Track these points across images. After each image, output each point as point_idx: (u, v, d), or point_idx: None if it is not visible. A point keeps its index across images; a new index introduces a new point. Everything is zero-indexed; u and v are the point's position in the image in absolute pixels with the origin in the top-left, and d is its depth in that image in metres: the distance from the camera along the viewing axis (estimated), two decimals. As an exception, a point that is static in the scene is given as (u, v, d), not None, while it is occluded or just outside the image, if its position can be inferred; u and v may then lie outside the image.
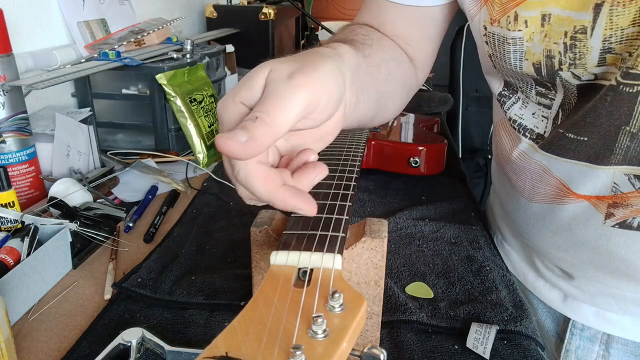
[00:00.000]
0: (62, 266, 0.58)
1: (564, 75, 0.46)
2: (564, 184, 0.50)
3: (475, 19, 0.51)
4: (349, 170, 0.50)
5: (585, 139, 0.46)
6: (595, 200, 0.48)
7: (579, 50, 0.43)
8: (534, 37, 0.45)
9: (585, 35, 0.42)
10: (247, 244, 0.43)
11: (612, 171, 0.46)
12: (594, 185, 0.48)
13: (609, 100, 0.42)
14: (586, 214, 0.49)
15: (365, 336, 0.43)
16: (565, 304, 0.59)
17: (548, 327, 0.63)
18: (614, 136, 0.44)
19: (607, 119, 0.43)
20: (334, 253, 0.33)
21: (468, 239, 0.66)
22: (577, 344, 0.59)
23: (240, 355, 0.24)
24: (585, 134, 0.46)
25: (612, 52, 0.42)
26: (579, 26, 0.42)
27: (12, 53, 0.72)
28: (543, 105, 0.51)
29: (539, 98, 0.51)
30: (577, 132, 0.46)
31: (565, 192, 0.50)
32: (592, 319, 0.57)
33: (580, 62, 0.44)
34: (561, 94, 0.48)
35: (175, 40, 1.12)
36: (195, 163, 0.91)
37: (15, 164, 0.74)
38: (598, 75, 0.44)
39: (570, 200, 0.50)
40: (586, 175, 0.48)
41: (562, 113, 0.49)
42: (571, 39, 0.43)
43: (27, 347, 0.47)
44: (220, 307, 0.52)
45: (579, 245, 0.52)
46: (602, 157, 0.46)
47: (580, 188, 0.49)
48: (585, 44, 0.42)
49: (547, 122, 0.51)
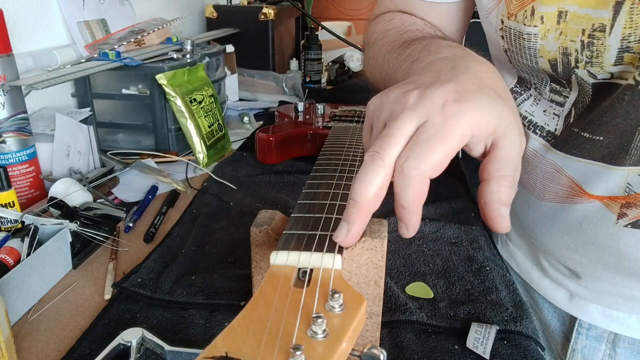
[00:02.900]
0: (62, 266, 0.58)
1: (580, 73, 0.45)
2: (577, 184, 0.50)
3: (492, 14, 0.51)
4: (349, 171, 0.50)
5: (601, 139, 0.46)
6: (607, 201, 0.48)
7: (596, 48, 0.43)
8: (548, 34, 0.45)
9: (604, 33, 0.42)
10: (247, 244, 0.43)
11: (626, 172, 0.46)
12: (607, 186, 0.47)
13: (627, 99, 0.42)
14: (598, 214, 0.49)
15: (365, 336, 0.43)
16: (571, 303, 0.59)
17: (554, 327, 0.63)
18: (630, 136, 0.44)
19: (623, 119, 0.43)
20: (334, 253, 0.33)
21: (468, 239, 0.66)
22: (583, 344, 0.59)
23: (240, 356, 0.24)
24: (601, 133, 0.46)
25: (630, 51, 0.41)
26: (598, 24, 0.42)
27: (12, 53, 0.72)
28: (556, 103, 0.51)
29: (553, 95, 0.51)
30: (592, 131, 0.46)
31: (578, 191, 0.50)
32: (598, 318, 0.57)
33: (597, 60, 0.43)
34: (576, 91, 0.48)
35: (175, 40, 1.12)
36: (195, 163, 0.91)
37: (15, 164, 0.74)
38: (614, 74, 0.44)
39: (582, 200, 0.50)
40: (600, 175, 0.47)
41: (574, 111, 0.49)
42: (589, 37, 0.43)
43: (27, 347, 0.47)
44: (220, 307, 0.52)
45: (589, 244, 0.52)
46: (617, 157, 0.45)
47: (593, 188, 0.49)
48: (603, 42, 0.42)
49: (559, 120, 0.51)
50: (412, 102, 0.33)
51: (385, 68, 0.54)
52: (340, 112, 0.97)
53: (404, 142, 0.32)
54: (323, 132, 0.89)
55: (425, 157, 0.31)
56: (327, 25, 1.59)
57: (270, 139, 0.89)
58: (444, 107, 0.32)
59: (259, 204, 0.76)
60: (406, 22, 0.60)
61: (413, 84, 0.35)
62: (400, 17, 0.62)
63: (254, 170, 0.89)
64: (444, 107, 0.32)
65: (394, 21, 0.61)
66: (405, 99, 0.34)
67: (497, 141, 0.33)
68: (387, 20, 0.62)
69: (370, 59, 0.61)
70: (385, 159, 0.32)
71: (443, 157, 0.31)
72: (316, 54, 1.46)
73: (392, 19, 0.62)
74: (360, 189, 0.32)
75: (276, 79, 1.45)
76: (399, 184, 0.32)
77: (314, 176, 0.48)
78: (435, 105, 0.32)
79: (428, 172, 0.31)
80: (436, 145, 0.31)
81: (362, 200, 0.32)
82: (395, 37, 0.56)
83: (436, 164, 0.31)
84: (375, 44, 0.61)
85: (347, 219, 0.33)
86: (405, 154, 0.32)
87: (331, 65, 1.63)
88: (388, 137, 0.32)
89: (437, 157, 0.31)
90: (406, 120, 0.33)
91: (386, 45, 0.56)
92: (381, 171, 0.32)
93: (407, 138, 0.32)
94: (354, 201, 0.32)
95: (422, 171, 0.31)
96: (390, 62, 0.52)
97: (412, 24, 0.58)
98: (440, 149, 0.31)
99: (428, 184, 0.32)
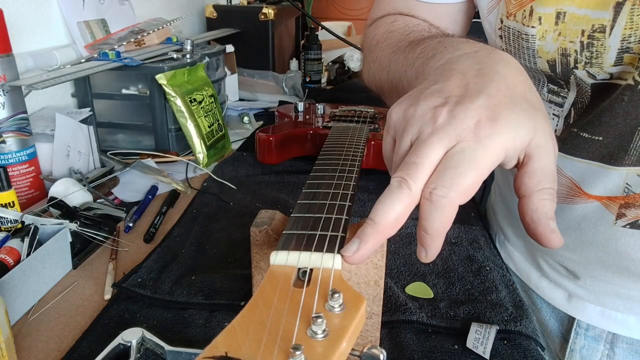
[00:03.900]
0: (62, 266, 0.58)
1: (579, 74, 0.45)
2: (576, 184, 0.50)
3: (493, 13, 0.51)
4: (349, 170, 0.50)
5: (600, 139, 0.46)
6: (606, 201, 0.48)
7: (595, 49, 0.43)
8: (546, 35, 0.45)
9: (604, 34, 0.42)
10: (247, 244, 0.43)
11: (625, 172, 0.46)
12: (605, 186, 0.47)
13: (626, 100, 0.42)
14: (597, 214, 0.49)
15: (365, 336, 0.43)
16: (569, 304, 0.59)
17: (552, 327, 0.63)
18: (629, 136, 0.44)
19: (623, 119, 0.43)
20: (334, 253, 0.33)
21: (468, 239, 0.66)
22: (581, 344, 0.59)
23: (239, 355, 0.24)
24: (600, 133, 0.45)
25: (630, 51, 0.41)
26: (598, 25, 0.42)
27: (12, 53, 0.72)
28: (555, 104, 0.51)
29: (551, 96, 0.51)
30: (591, 131, 0.46)
31: (577, 191, 0.50)
32: (597, 319, 0.57)
33: (597, 61, 0.43)
34: (574, 92, 0.48)
35: (175, 40, 1.12)
36: (195, 163, 0.91)
37: (15, 164, 0.74)
38: (614, 74, 0.44)
39: (581, 200, 0.50)
40: (598, 176, 0.47)
41: (574, 112, 0.49)
42: (588, 38, 0.43)
43: (27, 347, 0.47)
44: (220, 307, 0.52)
45: (587, 245, 0.52)
46: (616, 157, 0.45)
47: (592, 188, 0.49)
48: (603, 43, 0.42)
49: (559, 121, 0.51)
50: (441, 122, 0.32)
51: (392, 69, 0.52)
52: (340, 112, 0.97)
53: (433, 169, 0.31)
54: (323, 132, 0.89)
55: (454, 185, 0.30)
56: (327, 25, 1.59)
57: (270, 139, 0.89)
58: (476, 129, 0.31)
59: (259, 204, 0.76)
60: (410, 23, 0.58)
61: (440, 96, 0.33)
62: (403, 19, 0.60)
63: (254, 170, 0.89)
64: (476, 129, 0.31)
65: (396, 23, 0.59)
66: (434, 117, 0.32)
67: (532, 153, 0.32)
68: (388, 22, 0.60)
69: (373, 62, 0.59)
70: (412, 188, 0.31)
71: (473, 183, 0.30)
72: (316, 54, 1.46)
73: (394, 20, 0.60)
74: (382, 212, 0.31)
75: (276, 79, 1.45)
76: (426, 209, 0.30)
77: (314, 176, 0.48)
78: (467, 127, 0.31)
79: (457, 200, 0.30)
80: (467, 172, 0.30)
81: (381, 223, 0.31)
82: (400, 37, 0.54)
83: (466, 191, 0.30)
84: (377, 46, 0.59)
85: (361, 237, 0.32)
86: (434, 180, 0.30)
87: (331, 65, 1.63)
88: (416, 165, 0.31)
89: (467, 183, 0.30)
90: (435, 145, 0.31)
91: (391, 47, 0.54)
92: (406, 199, 0.31)
93: (435, 164, 0.31)
94: (373, 222, 0.31)
95: (451, 199, 0.30)
96: (399, 62, 0.49)
97: (416, 25, 0.57)
98: (471, 176, 0.30)
99: (456, 211, 0.30)
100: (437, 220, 0.30)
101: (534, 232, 0.32)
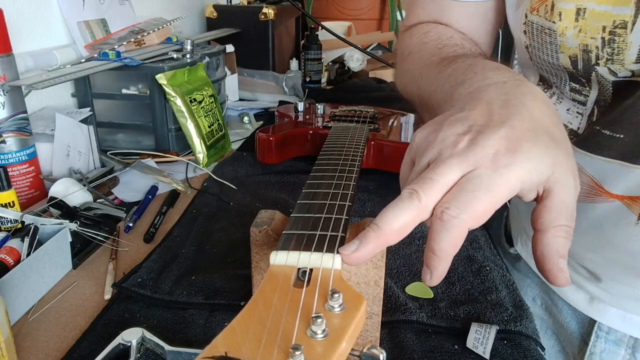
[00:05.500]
0: (62, 266, 0.58)
1: (600, 71, 0.45)
2: (597, 183, 0.49)
3: (520, 9, 0.51)
4: (348, 170, 0.50)
5: (622, 136, 0.45)
6: (628, 201, 0.47)
7: (617, 45, 0.43)
8: (566, 32, 0.45)
9: (625, 30, 0.42)
10: (247, 244, 0.43)
11: None
12: (627, 185, 0.47)
13: None
14: (618, 214, 0.49)
15: (365, 336, 0.43)
16: (591, 306, 0.58)
17: (572, 329, 0.62)
18: None
19: None
20: (334, 253, 0.33)
21: (468, 239, 0.66)
22: (602, 347, 0.58)
23: (239, 355, 0.24)
24: (622, 131, 0.45)
25: None
26: (619, 21, 0.42)
27: (12, 53, 0.72)
28: (577, 102, 0.51)
29: (573, 94, 0.50)
30: (613, 129, 0.46)
31: (598, 190, 0.50)
32: (618, 322, 0.56)
33: (618, 57, 0.43)
34: (596, 90, 0.48)
35: (175, 40, 1.12)
36: (195, 163, 0.91)
37: (15, 164, 0.74)
38: (635, 72, 0.43)
39: (602, 200, 0.49)
40: (620, 174, 0.47)
41: (597, 110, 0.49)
42: (610, 34, 0.43)
43: (27, 347, 0.47)
44: (220, 307, 0.52)
45: (607, 245, 0.51)
46: (637, 155, 0.45)
47: (613, 187, 0.48)
48: (625, 39, 0.42)
49: (582, 119, 0.51)
50: (461, 148, 0.32)
51: (422, 85, 0.52)
52: (340, 112, 0.97)
53: (446, 189, 0.31)
54: (323, 132, 0.89)
55: (468, 208, 0.30)
56: (327, 25, 1.59)
57: (270, 139, 0.89)
58: (495, 157, 0.31)
59: (259, 204, 0.76)
60: (443, 35, 0.58)
61: (464, 124, 0.34)
62: (436, 29, 0.60)
63: (254, 170, 0.89)
64: (495, 157, 0.31)
65: (430, 34, 0.59)
66: (455, 143, 0.32)
67: (551, 188, 0.32)
68: (422, 33, 0.60)
69: (405, 72, 0.59)
70: (422, 200, 0.31)
71: (487, 209, 0.30)
72: (316, 54, 1.46)
73: (427, 31, 0.60)
74: (387, 218, 0.31)
75: (276, 79, 1.45)
76: (435, 229, 0.30)
77: (314, 176, 0.48)
78: (486, 154, 0.31)
79: (469, 223, 0.30)
80: (481, 197, 0.30)
81: (385, 229, 0.31)
82: (433, 51, 0.55)
83: (479, 216, 0.30)
84: (410, 56, 0.59)
85: (362, 239, 0.32)
86: (447, 200, 0.30)
87: (331, 65, 1.63)
88: (431, 180, 0.31)
89: (481, 209, 0.30)
90: (453, 167, 0.31)
91: (423, 59, 0.55)
92: (414, 210, 0.31)
93: (449, 185, 0.31)
94: (377, 226, 0.31)
95: (463, 220, 0.30)
96: (430, 79, 0.50)
97: (449, 38, 0.57)
98: (485, 202, 0.30)
99: (466, 234, 0.30)
100: (445, 240, 0.30)
101: (542, 267, 0.32)
